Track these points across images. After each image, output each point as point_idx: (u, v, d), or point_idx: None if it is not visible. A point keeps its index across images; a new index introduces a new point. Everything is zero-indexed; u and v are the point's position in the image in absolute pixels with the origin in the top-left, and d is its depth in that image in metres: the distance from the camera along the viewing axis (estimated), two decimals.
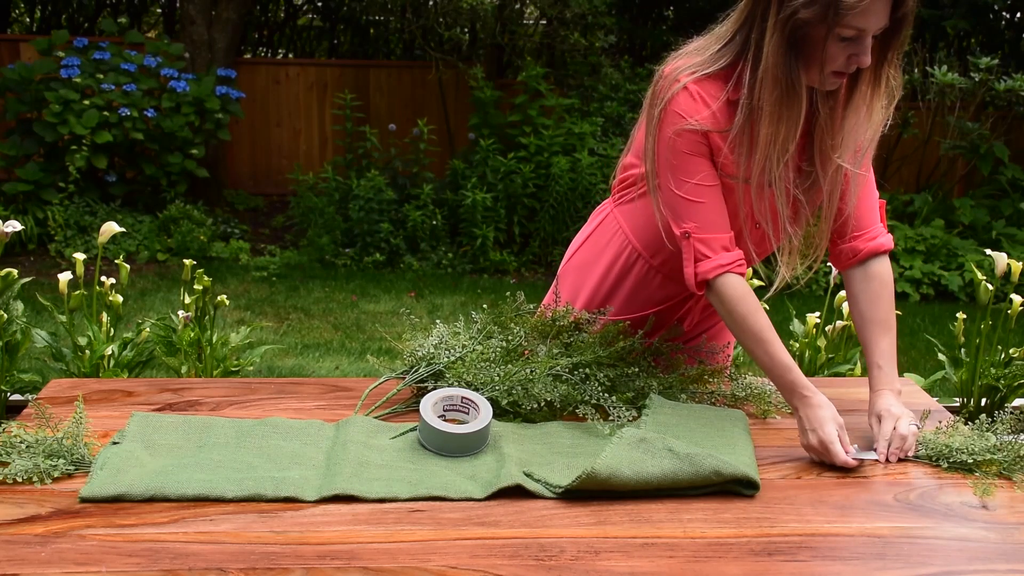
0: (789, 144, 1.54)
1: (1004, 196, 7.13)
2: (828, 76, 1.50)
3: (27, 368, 2.88)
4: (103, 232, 2.48)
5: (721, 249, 1.61)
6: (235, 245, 6.56)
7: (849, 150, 1.60)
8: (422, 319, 5.17)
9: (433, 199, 6.55)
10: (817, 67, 1.49)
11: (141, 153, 6.73)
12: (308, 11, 10.47)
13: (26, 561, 1.15)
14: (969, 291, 6.19)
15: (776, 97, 1.50)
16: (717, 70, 1.57)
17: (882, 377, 1.61)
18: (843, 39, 1.45)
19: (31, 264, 6.08)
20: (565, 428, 1.59)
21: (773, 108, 1.51)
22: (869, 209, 1.70)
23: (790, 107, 1.51)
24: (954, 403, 2.67)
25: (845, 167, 1.61)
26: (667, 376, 1.75)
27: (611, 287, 1.84)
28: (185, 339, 2.53)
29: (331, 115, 8.02)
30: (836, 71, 1.50)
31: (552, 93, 6.90)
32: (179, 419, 1.57)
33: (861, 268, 1.69)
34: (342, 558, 1.18)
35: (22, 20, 10.17)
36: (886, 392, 1.59)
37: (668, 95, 1.58)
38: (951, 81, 6.60)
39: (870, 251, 1.68)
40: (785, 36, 1.47)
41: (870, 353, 1.64)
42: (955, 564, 1.20)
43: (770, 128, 1.52)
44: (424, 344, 1.72)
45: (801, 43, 1.48)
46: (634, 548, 1.22)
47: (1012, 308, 2.57)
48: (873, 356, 1.63)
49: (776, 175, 1.57)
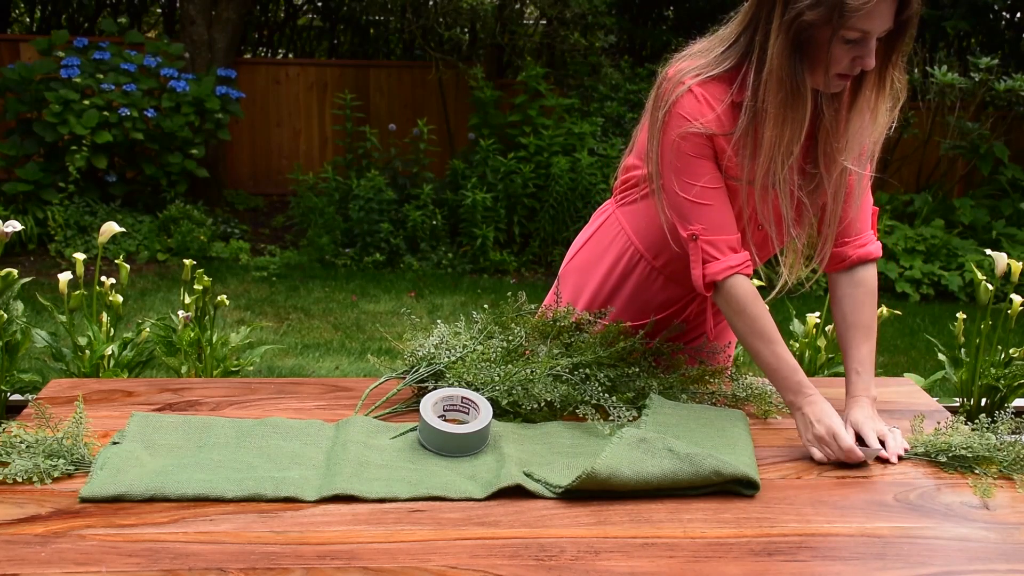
0: (794, 147, 1.54)
1: (1004, 196, 7.13)
2: (832, 78, 1.50)
3: (27, 368, 2.88)
4: (103, 232, 2.48)
5: (729, 250, 1.61)
6: (235, 245, 6.56)
7: (854, 152, 1.60)
8: (422, 319, 5.17)
9: (433, 199, 6.55)
10: (822, 69, 1.49)
11: (141, 153, 6.72)
12: (308, 11, 10.47)
13: (26, 561, 1.15)
14: (969, 291, 6.19)
15: (781, 99, 1.50)
16: (721, 72, 1.57)
17: (859, 383, 1.62)
18: (847, 41, 1.45)
19: (31, 264, 6.08)
20: (565, 428, 1.59)
21: (778, 110, 1.51)
22: (862, 216, 1.70)
23: (795, 109, 1.51)
24: (954, 403, 2.67)
25: (851, 170, 1.61)
26: (668, 376, 1.75)
27: (613, 288, 1.84)
28: (185, 339, 2.53)
29: (331, 115, 8.02)
30: (840, 73, 1.49)
31: (552, 93, 6.90)
32: (179, 419, 1.57)
33: (848, 274, 1.70)
34: (342, 558, 1.18)
35: (22, 20, 10.17)
36: (862, 399, 1.60)
37: (672, 98, 1.57)
38: (951, 81, 6.60)
39: (858, 258, 1.69)
40: (790, 38, 1.47)
41: (849, 358, 1.65)
42: (955, 564, 1.20)
43: (774, 130, 1.52)
44: (425, 344, 1.72)
45: (806, 45, 1.48)
46: (634, 548, 1.22)
47: (1012, 308, 2.57)
48: (852, 362, 1.64)
49: (780, 177, 1.56)
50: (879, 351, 5.16)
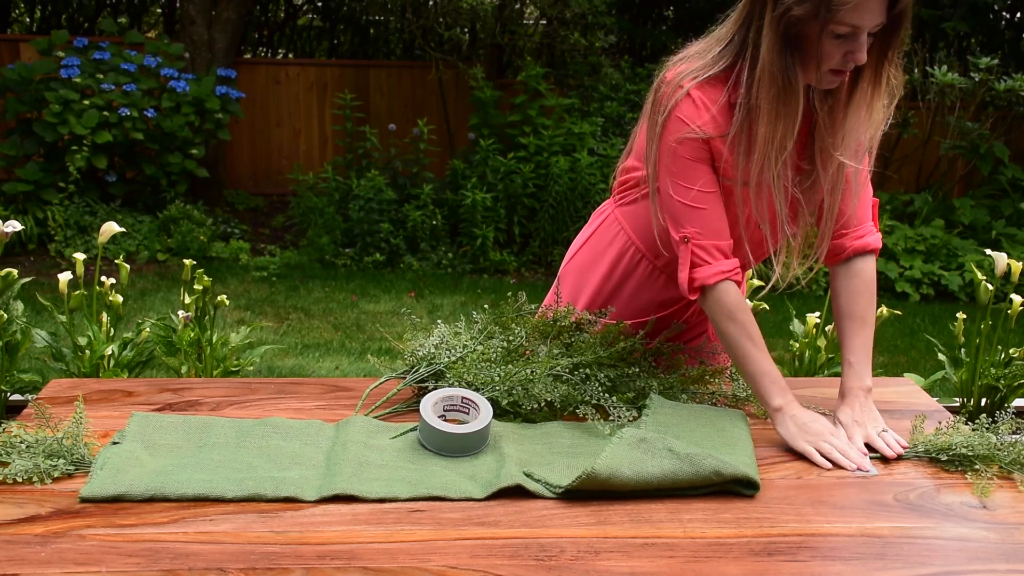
0: (787, 142, 1.54)
1: (1004, 196, 7.13)
2: (825, 74, 1.50)
3: (27, 368, 2.88)
4: (103, 232, 2.48)
5: (720, 255, 1.61)
6: (235, 245, 6.56)
7: (850, 149, 1.60)
8: (422, 319, 5.17)
9: (433, 199, 6.55)
10: (814, 65, 1.49)
11: (141, 153, 6.72)
12: (308, 11, 10.47)
13: (26, 561, 1.15)
14: (969, 291, 6.19)
15: (773, 95, 1.50)
16: (718, 72, 1.57)
17: (851, 375, 1.63)
18: (837, 36, 1.45)
19: (31, 264, 6.08)
20: (565, 428, 1.59)
21: (770, 106, 1.51)
22: (861, 207, 1.71)
23: (787, 104, 1.51)
24: (954, 403, 2.66)
25: (847, 166, 1.61)
26: (668, 376, 1.75)
27: (613, 288, 1.84)
28: (185, 339, 2.53)
29: (331, 115, 8.02)
30: (834, 69, 1.49)
31: (552, 93, 6.90)
32: (179, 419, 1.57)
33: (845, 265, 1.70)
34: (342, 558, 1.18)
35: (22, 20, 10.17)
36: (855, 392, 1.61)
37: (672, 103, 1.58)
38: (951, 81, 6.60)
39: (856, 249, 1.69)
40: (779, 34, 1.47)
41: (844, 349, 1.66)
42: (955, 564, 1.20)
43: (768, 127, 1.52)
44: (425, 344, 1.72)
45: (796, 41, 1.48)
46: (634, 548, 1.22)
47: (1012, 308, 2.57)
48: (846, 352, 1.65)
49: (775, 174, 1.56)
50: (879, 351, 5.17)
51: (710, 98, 1.57)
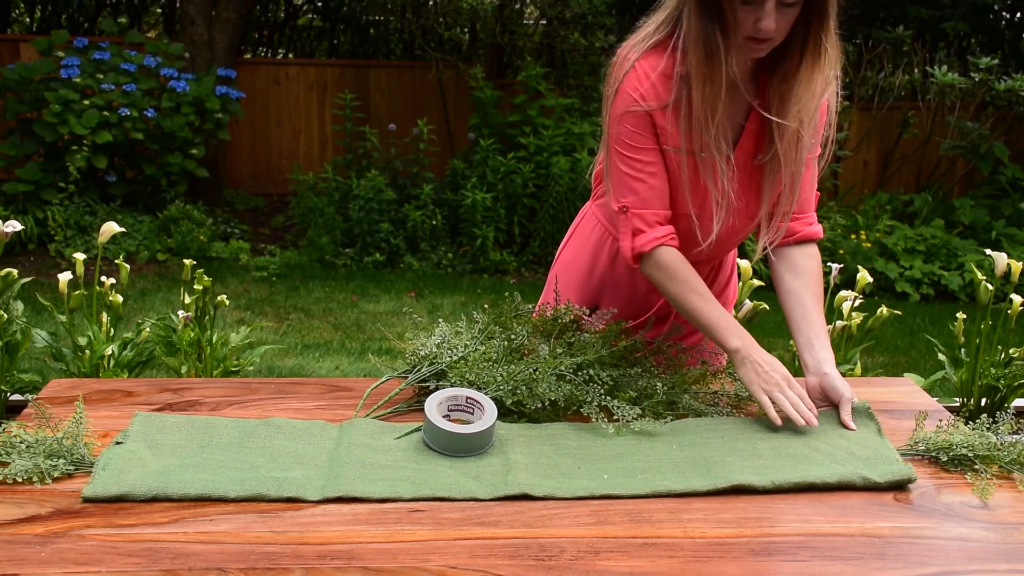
0: (716, 104, 1.58)
1: (1004, 196, 7.13)
2: (743, 41, 1.54)
3: (27, 368, 2.88)
4: (103, 232, 2.48)
5: (656, 223, 1.68)
6: (235, 245, 6.56)
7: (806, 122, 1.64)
8: (422, 319, 5.17)
9: (433, 199, 6.55)
10: (732, 33, 1.53)
11: (141, 153, 6.72)
12: (308, 11, 10.47)
13: (26, 561, 1.15)
14: (969, 291, 6.19)
15: (698, 59, 1.55)
16: (659, 39, 1.63)
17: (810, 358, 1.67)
18: (745, 3, 1.50)
19: (31, 264, 6.08)
20: (571, 429, 1.59)
21: (697, 69, 1.56)
22: (805, 195, 1.76)
23: (711, 68, 1.55)
24: (954, 403, 2.67)
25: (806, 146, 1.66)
26: (669, 376, 1.75)
27: (600, 280, 1.88)
28: (185, 339, 2.53)
29: (331, 115, 8.02)
30: (749, 36, 1.53)
31: (552, 93, 6.90)
32: (182, 419, 1.57)
33: (799, 248, 1.76)
34: (342, 558, 1.18)
35: (22, 20, 10.17)
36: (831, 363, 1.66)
37: (620, 75, 1.65)
38: (951, 81, 6.60)
39: (807, 235, 1.77)
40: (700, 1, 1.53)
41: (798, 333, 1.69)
42: (955, 564, 1.20)
43: (698, 90, 1.57)
44: (427, 343, 1.72)
45: (716, 9, 1.53)
46: (634, 548, 1.22)
47: (1012, 308, 2.57)
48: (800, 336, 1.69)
49: (711, 139, 1.61)
50: (879, 351, 5.16)
51: (651, 66, 1.63)
